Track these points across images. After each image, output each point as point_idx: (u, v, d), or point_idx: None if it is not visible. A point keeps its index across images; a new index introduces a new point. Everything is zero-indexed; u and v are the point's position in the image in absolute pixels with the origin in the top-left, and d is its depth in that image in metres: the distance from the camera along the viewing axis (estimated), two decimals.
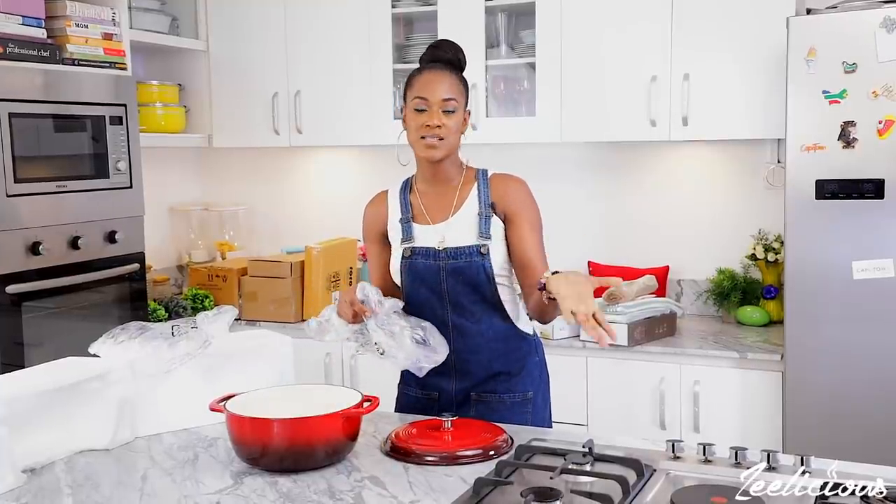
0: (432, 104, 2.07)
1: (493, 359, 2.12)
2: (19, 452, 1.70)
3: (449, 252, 2.09)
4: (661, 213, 3.62)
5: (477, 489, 1.53)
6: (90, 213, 3.13)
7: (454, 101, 2.08)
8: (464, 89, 2.13)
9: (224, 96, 3.94)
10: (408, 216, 2.18)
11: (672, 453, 1.68)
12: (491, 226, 2.10)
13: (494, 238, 2.10)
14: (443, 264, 2.09)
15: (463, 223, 2.11)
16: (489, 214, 2.11)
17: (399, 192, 2.23)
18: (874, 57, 2.63)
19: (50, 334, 2.99)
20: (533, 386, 2.16)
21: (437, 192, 2.17)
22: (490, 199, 2.12)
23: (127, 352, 1.95)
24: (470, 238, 2.09)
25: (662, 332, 3.15)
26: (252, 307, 3.67)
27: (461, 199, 2.14)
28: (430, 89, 2.07)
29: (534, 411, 2.15)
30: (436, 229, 2.13)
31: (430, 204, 2.17)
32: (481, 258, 2.08)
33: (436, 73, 2.10)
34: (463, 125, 2.13)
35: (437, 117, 2.06)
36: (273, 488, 1.63)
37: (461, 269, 2.08)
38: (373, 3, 3.61)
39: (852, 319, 2.72)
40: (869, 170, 2.67)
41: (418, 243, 2.13)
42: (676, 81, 3.20)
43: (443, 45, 2.16)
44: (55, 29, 3.09)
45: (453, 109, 2.08)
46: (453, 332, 2.11)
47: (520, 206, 2.13)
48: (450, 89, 2.08)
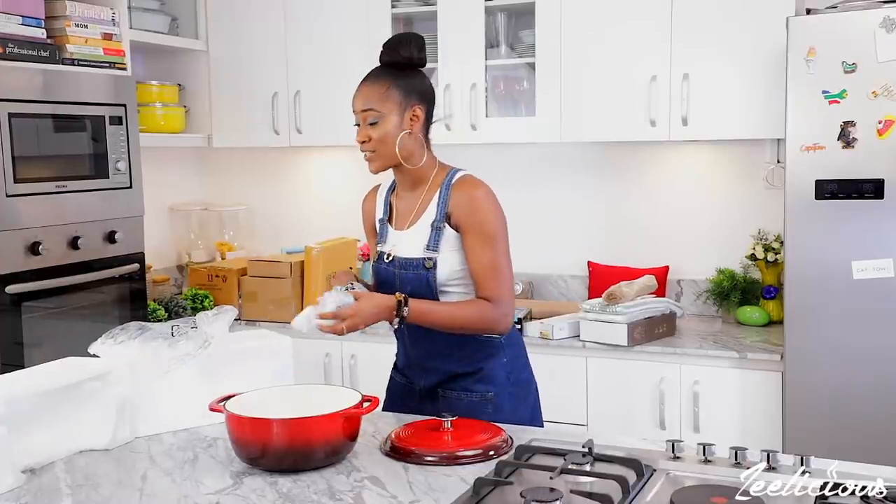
0: (357, 117, 2.11)
1: (449, 362, 2.15)
2: (19, 452, 1.70)
3: (401, 262, 2.13)
4: (661, 214, 3.62)
5: (477, 489, 1.53)
6: (90, 213, 3.13)
7: (373, 111, 2.07)
8: (397, 91, 2.08)
9: (224, 96, 3.94)
10: (385, 217, 2.22)
11: (672, 453, 1.68)
12: (441, 238, 2.09)
13: (445, 249, 2.09)
14: (396, 273, 2.13)
15: (418, 233, 2.13)
16: (442, 226, 2.10)
17: (386, 190, 2.27)
18: (874, 57, 2.63)
19: (50, 334, 2.99)
20: (495, 387, 2.14)
21: (409, 196, 2.19)
22: (447, 209, 2.10)
23: (127, 352, 1.95)
24: (419, 250, 2.11)
25: (662, 332, 3.15)
26: (252, 307, 3.67)
27: (423, 206, 2.15)
28: (354, 102, 2.11)
29: (495, 412, 2.11)
30: (393, 236, 2.18)
31: (402, 208, 2.20)
32: (426, 271, 2.09)
33: (363, 84, 2.11)
34: (410, 124, 2.09)
35: (361, 132, 2.09)
36: (273, 488, 1.63)
37: (408, 281, 2.11)
38: (373, 4, 3.61)
39: (852, 319, 2.72)
40: (869, 170, 2.67)
41: (384, 248, 2.19)
42: (676, 81, 3.20)
43: (386, 46, 2.13)
44: (55, 29, 3.08)
45: (375, 121, 2.07)
46: (409, 336, 2.17)
47: (473, 218, 2.08)
48: (368, 100, 2.07)
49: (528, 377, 2.26)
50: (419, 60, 2.14)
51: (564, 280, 3.76)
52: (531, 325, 3.24)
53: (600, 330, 3.08)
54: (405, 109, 2.09)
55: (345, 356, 3.48)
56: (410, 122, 2.10)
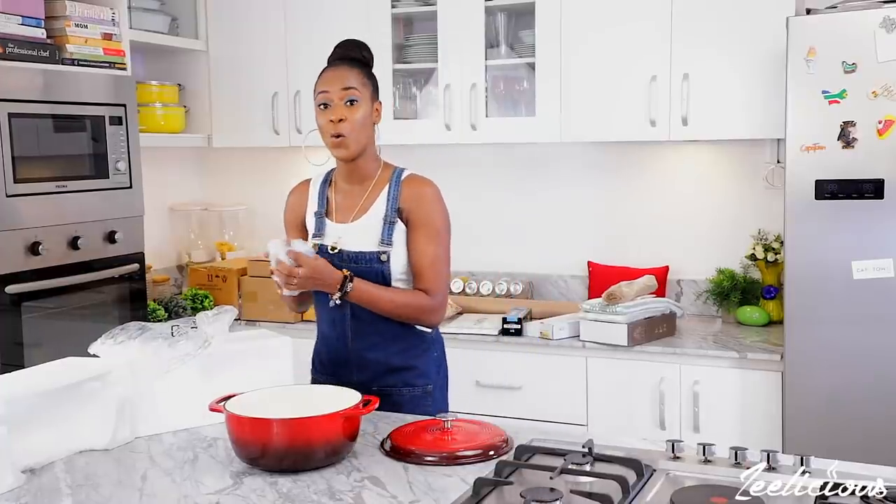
0: (333, 97, 2.11)
1: (391, 355, 2.18)
2: (19, 452, 1.70)
3: (349, 255, 2.14)
4: (661, 214, 3.62)
5: (477, 489, 1.53)
6: (90, 214, 3.13)
7: (355, 90, 2.11)
8: (368, 82, 2.16)
9: (224, 96, 3.94)
10: (322, 211, 2.23)
11: (672, 453, 1.68)
12: (394, 232, 2.14)
13: (397, 244, 2.14)
14: (343, 265, 2.14)
15: (367, 227, 2.15)
16: (394, 220, 2.14)
17: (320, 183, 2.28)
18: (874, 57, 2.63)
19: (50, 334, 2.99)
20: (431, 381, 2.24)
21: (351, 190, 2.21)
22: (398, 203, 2.15)
23: (127, 352, 1.95)
24: (372, 243, 2.14)
25: (662, 332, 3.15)
26: (252, 307, 3.67)
27: (370, 200, 2.17)
28: (331, 82, 2.13)
29: (433, 404, 2.22)
30: (337, 229, 2.19)
31: (341, 202, 2.22)
32: (381, 265, 2.13)
33: (336, 67, 2.16)
34: (376, 117, 2.17)
35: (339, 111, 2.10)
36: (273, 488, 1.63)
37: (361, 274, 2.12)
38: (372, 4, 3.61)
39: (852, 319, 2.72)
40: (869, 170, 2.67)
41: (326, 241, 2.19)
42: (676, 81, 3.20)
43: (345, 44, 2.22)
44: (55, 29, 3.08)
45: (355, 99, 2.11)
46: (352, 330, 2.18)
47: (422, 213, 2.15)
48: (351, 79, 2.12)
49: (447, 373, 2.34)
50: (371, 63, 2.23)
51: (564, 280, 3.76)
52: (531, 325, 3.24)
53: (600, 330, 3.08)
54: (373, 102, 2.17)
55: None
56: (375, 116, 2.17)
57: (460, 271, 3.88)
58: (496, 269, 3.85)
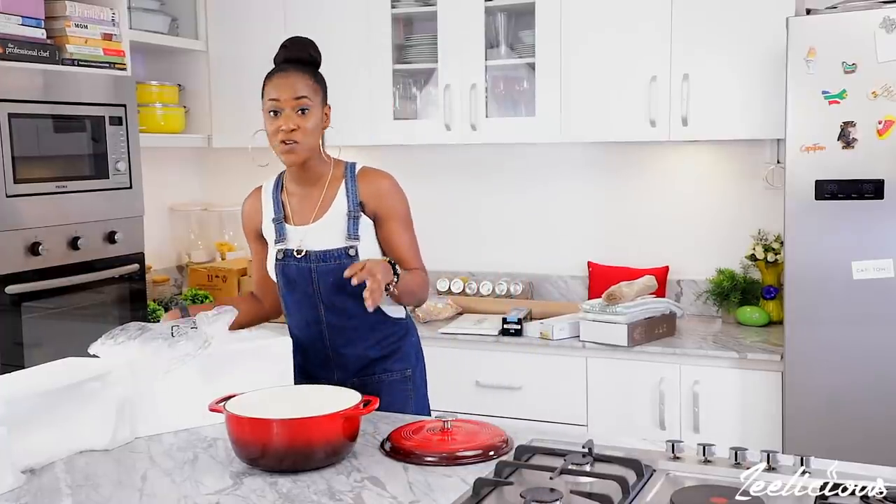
0: (284, 105, 2.08)
1: (368, 347, 2.18)
2: (19, 452, 1.70)
3: (317, 255, 2.13)
4: (661, 214, 3.62)
5: (477, 490, 1.53)
6: (90, 214, 3.13)
7: (306, 98, 2.09)
8: (319, 87, 2.14)
9: (224, 96, 3.94)
10: (280, 216, 2.21)
11: (672, 453, 1.68)
12: (360, 226, 2.14)
13: (364, 237, 2.14)
14: (313, 266, 2.13)
15: (331, 224, 2.14)
16: (357, 214, 2.14)
17: (272, 189, 2.26)
18: (874, 57, 2.63)
19: (50, 335, 2.99)
20: (410, 364, 2.24)
21: (306, 191, 2.19)
22: (358, 197, 2.15)
23: (126, 352, 1.95)
24: (338, 240, 2.13)
25: (662, 333, 3.15)
26: None
27: (328, 199, 2.16)
28: (282, 90, 2.09)
29: (415, 390, 2.22)
30: (298, 232, 2.17)
31: (297, 205, 2.20)
32: (350, 259, 2.11)
33: (287, 74, 2.11)
34: (325, 121, 2.15)
35: (291, 120, 2.08)
36: (273, 489, 1.63)
37: (331, 271, 2.11)
38: (372, 4, 3.61)
39: (852, 319, 2.72)
40: (869, 170, 2.67)
41: (290, 245, 2.17)
42: (676, 82, 3.20)
43: (293, 45, 2.17)
44: (55, 29, 3.08)
45: (307, 108, 2.09)
46: (328, 329, 2.18)
47: (389, 205, 2.17)
48: (302, 88, 2.09)
49: (423, 357, 2.34)
50: (320, 62, 2.19)
51: (564, 280, 3.76)
52: (531, 325, 3.24)
53: (600, 330, 3.08)
54: (323, 106, 2.16)
55: None
56: (325, 121, 2.16)
57: (460, 271, 3.88)
58: (496, 270, 3.85)
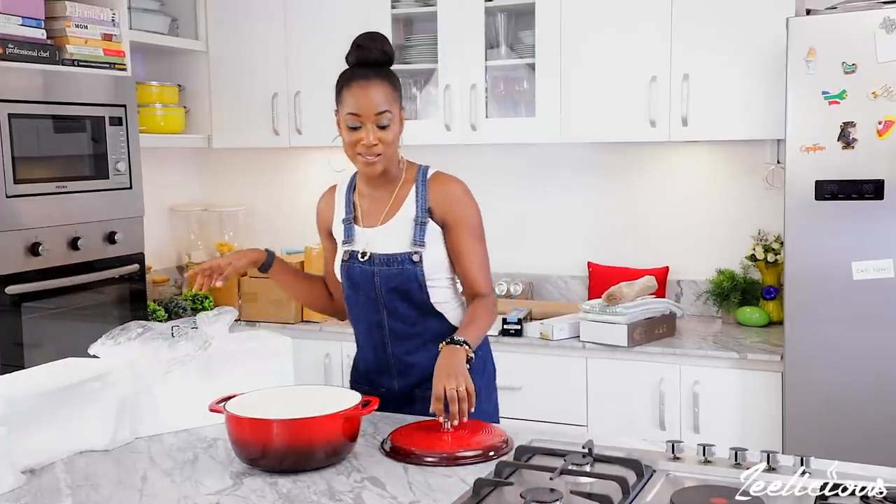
0: (365, 121, 1.99)
1: (432, 358, 2.06)
2: (19, 453, 1.70)
3: (381, 259, 2.08)
4: (661, 214, 3.62)
5: (477, 490, 1.53)
6: (90, 214, 3.13)
7: (388, 113, 2.00)
8: (396, 93, 2.05)
9: (224, 97, 3.94)
10: (350, 217, 2.17)
11: (672, 454, 1.68)
12: (426, 233, 2.08)
13: (430, 244, 2.08)
14: (376, 270, 2.08)
15: (397, 229, 2.09)
16: (425, 221, 2.08)
17: (346, 189, 2.21)
18: (874, 57, 2.63)
19: (50, 335, 2.99)
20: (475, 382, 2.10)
21: (377, 194, 2.14)
22: (427, 203, 2.09)
23: (127, 352, 1.95)
24: (403, 245, 2.08)
25: (662, 333, 3.15)
26: (252, 308, 3.67)
27: (398, 202, 2.11)
28: (363, 105, 1.99)
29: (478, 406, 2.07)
30: (365, 234, 2.12)
31: (368, 206, 2.15)
32: (413, 266, 2.06)
33: (366, 84, 2.00)
34: (400, 125, 2.07)
35: (371, 134, 2.00)
36: (273, 489, 1.63)
37: (393, 277, 2.07)
38: (372, 4, 3.61)
39: (852, 320, 2.72)
40: (868, 170, 2.67)
41: (356, 247, 2.13)
42: (676, 82, 3.20)
43: (367, 45, 2.05)
44: (55, 30, 3.08)
45: (388, 123, 2.01)
46: (390, 335, 2.13)
47: (458, 214, 2.10)
48: (383, 101, 2.00)
49: (494, 371, 2.28)
50: (394, 58, 2.10)
51: (564, 281, 3.76)
52: (531, 325, 3.24)
53: (600, 330, 3.08)
54: (401, 110, 2.08)
55: (345, 357, 3.48)
56: (401, 122, 2.09)
57: None
58: (496, 270, 3.80)
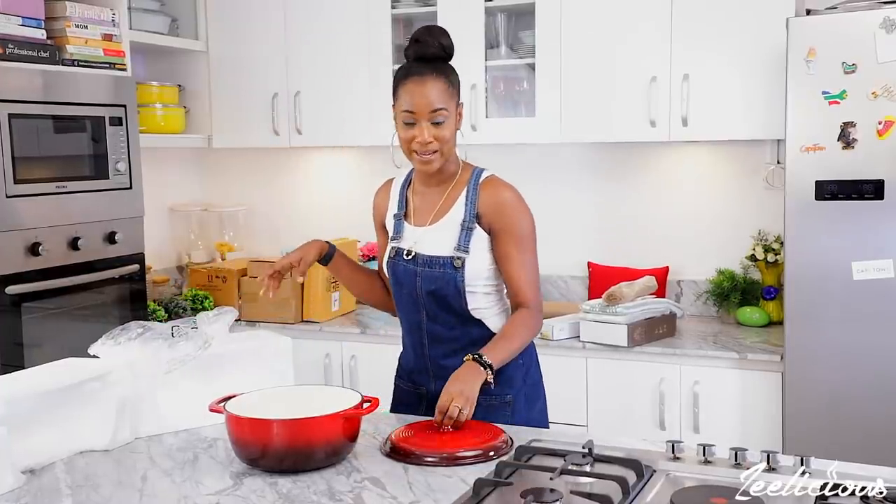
0: (420, 118, 1.96)
1: None
2: (19, 453, 1.70)
3: (424, 259, 2.04)
4: (661, 214, 3.62)
5: (477, 490, 1.53)
6: (90, 214, 3.13)
7: (444, 110, 1.96)
8: (453, 89, 2.00)
9: (224, 97, 3.94)
10: (401, 213, 2.13)
11: (672, 454, 1.68)
12: (472, 239, 2.03)
13: (475, 250, 2.03)
14: (419, 270, 2.05)
15: (444, 231, 2.05)
16: (472, 227, 2.03)
17: (401, 184, 2.17)
18: (874, 57, 2.63)
19: (50, 335, 2.99)
20: (513, 390, 2.09)
21: (430, 192, 2.10)
22: (476, 208, 2.04)
23: (127, 352, 1.95)
24: (447, 248, 2.03)
25: (662, 333, 3.15)
26: (252, 308, 3.67)
27: (448, 203, 2.07)
28: (418, 103, 1.95)
29: (514, 414, 2.07)
30: (415, 233, 2.08)
31: (420, 204, 2.11)
32: (454, 271, 2.02)
33: (422, 80, 1.96)
34: (458, 121, 2.02)
35: (427, 131, 1.96)
36: (273, 489, 1.63)
37: (434, 279, 2.03)
38: (372, 4, 3.61)
39: (852, 320, 2.72)
40: (869, 170, 2.67)
41: (403, 244, 2.09)
42: (676, 82, 3.20)
43: (425, 39, 2.00)
44: (55, 30, 3.08)
45: (443, 120, 1.97)
46: (428, 337, 2.10)
47: (506, 222, 2.03)
48: (438, 98, 1.96)
49: (539, 378, 2.20)
50: (453, 52, 2.04)
51: (564, 280, 3.76)
52: None
53: (600, 330, 3.08)
54: (457, 106, 2.03)
55: (345, 357, 3.48)
56: (459, 121, 2.03)
57: None
58: None
